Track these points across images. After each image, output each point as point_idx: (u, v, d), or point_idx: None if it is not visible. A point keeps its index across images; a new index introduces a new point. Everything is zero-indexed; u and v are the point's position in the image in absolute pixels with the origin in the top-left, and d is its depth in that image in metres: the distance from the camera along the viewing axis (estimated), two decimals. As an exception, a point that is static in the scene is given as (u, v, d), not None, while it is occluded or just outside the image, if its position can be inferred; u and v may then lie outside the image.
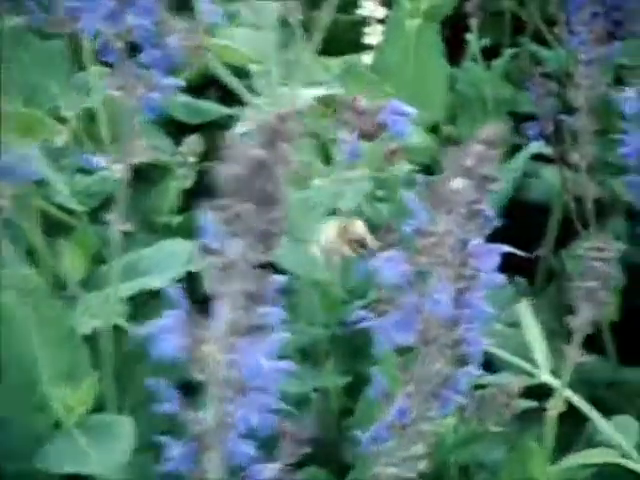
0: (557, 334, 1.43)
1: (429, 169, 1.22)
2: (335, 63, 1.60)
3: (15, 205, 0.90)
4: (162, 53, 0.83)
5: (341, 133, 0.81)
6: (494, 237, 1.56)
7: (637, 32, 1.46)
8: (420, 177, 0.83)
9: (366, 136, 0.80)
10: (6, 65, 1.07)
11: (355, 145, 0.80)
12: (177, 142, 1.38)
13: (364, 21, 1.74)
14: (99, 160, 0.91)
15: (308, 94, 0.93)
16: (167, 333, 0.60)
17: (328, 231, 1.02)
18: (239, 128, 0.92)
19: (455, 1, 1.24)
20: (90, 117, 1.36)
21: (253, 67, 0.99)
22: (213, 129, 1.55)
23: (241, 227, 0.54)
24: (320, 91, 0.95)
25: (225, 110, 1.43)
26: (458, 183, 0.61)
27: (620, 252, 1.50)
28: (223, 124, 1.57)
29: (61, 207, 1.20)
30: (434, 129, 1.48)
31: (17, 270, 0.90)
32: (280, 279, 0.60)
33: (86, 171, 1.29)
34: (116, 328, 1.04)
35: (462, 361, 0.71)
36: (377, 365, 0.81)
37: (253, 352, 0.58)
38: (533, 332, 0.99)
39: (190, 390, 0.66)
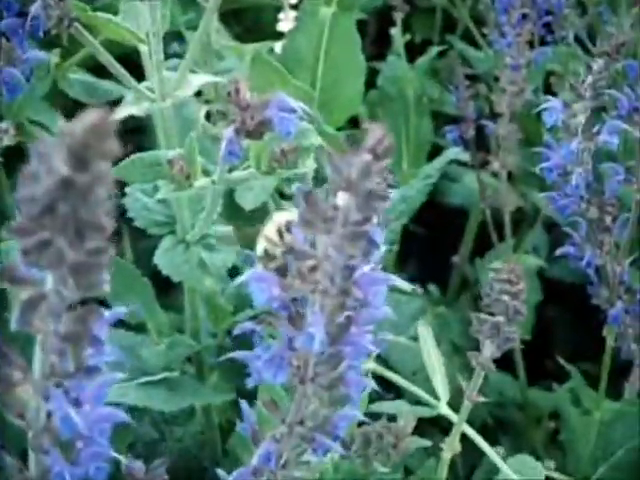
0: (466, 348, 1.36)
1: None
2: (248, 49, 1.50)
3: None
4: (24, 22, 0.72)
5: (221, 129, 0.71)
6: (408, 242, 1.48)
7: (568, 37, 1.39)
8: (299, 187, 0.74)
9: (249, 134, 0.70)
10: None
11: (235, 144, 0.70)
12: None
13: (276, 7, 1.64)
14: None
15: (196, 80, 0.83)
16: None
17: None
18: (118, 113, 0.82)
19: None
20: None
21: (142, 47, 0.88)
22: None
23: (49, 258, 0.44)
24: (209, 78, 0.84)
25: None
26: (341, 199, 0.51)
27: (537, 267, 1.44)
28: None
29: None
30: (352, 123, 1.39)
31: None
32: (111, 315, 0.50)
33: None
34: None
35: (342, 401, 0.62)
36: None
37: (70, 400, 0.48)
38: (433, 358, 0.90)
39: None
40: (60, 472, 0.48)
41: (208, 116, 0.95)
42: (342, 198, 0.51)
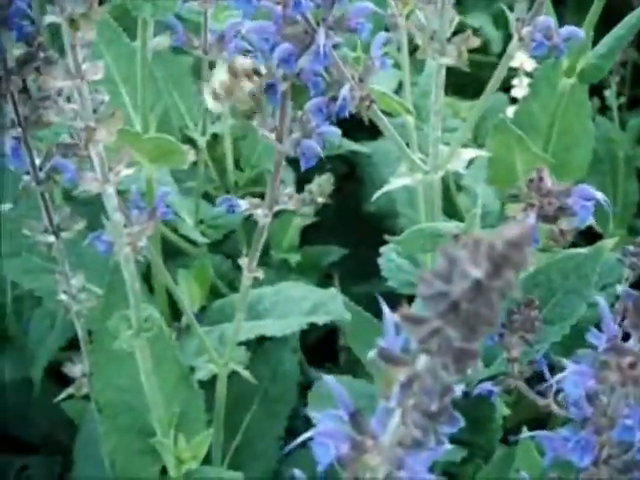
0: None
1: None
2: (464, 107, 1.53)
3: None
4: (328, 102, 0.78)
5: (517, 212, 0.74)
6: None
7: None
8: (621, 289, 0.78)
9: (545, 218, 0.74)
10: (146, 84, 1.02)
11: (535, 229, 0.74)
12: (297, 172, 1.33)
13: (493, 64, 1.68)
14: (240, 204, 0.85)
15: (466, 154, 0.87)
16: (328, 438, 0.54)
17: (219, 76, 0.96)
18: (393, 184, 0.86)
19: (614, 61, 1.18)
20: (213, 138, 1.32)
21: (408, 118, 0.93)
22: (337, 161, 1.50)
23: (438, 346, 0.48)
24: (478, 152, 0.88)
25: (353, 145, 1.38)
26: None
27: None
28: (347, 157, 1.52)
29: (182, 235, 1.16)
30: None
31: (141, 310, 0.85)
32: (458, 390, 0.54)
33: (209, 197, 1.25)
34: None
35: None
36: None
37: (416, 467, 0.52)
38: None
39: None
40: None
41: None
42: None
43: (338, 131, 0.81)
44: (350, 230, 1.49)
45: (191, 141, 1.22)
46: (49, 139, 0.92)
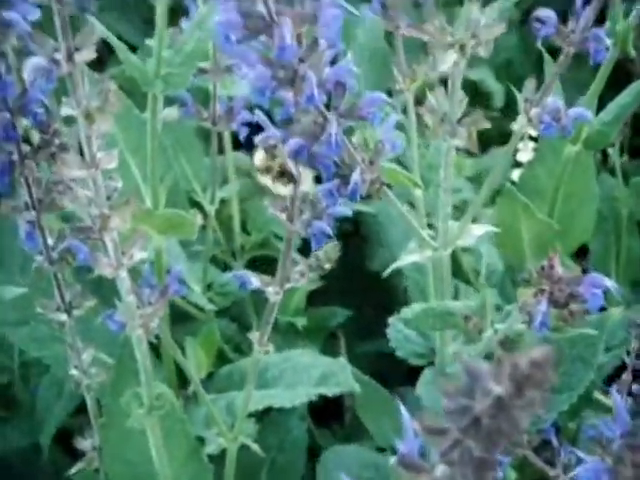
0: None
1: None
2: (469, 164, 1.54)
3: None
4: (339, 185, 0.78)
5: (528, 297, 0.75)
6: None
7: None
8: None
9: (557, 304, 0.75)
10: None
11: (546, 315, 0.75)
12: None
13: (496, 118, 1.69)
14: (251, 280, 0.86)
15: (477, 230, 0.88)
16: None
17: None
18: (403, 260, 0.87)
19: (619, 129, 1.19)
20: (220, 201, 1.32)
21: (416, 191, 0.94)
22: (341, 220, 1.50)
23: (459, 456, 0.49)
24: (489, 228, 0.89)
25: (357, 205, 1.39)
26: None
27: None
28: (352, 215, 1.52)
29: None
30: (579, 252, 1.41)
31: (153, 388, 0.85)
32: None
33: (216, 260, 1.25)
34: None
35: None
36: None
37: None
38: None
39: None
40: None
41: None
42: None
43: (349, 211, 0.82)
44: (355, 289, 1.49)
45: (198, 204, 1.23)
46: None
